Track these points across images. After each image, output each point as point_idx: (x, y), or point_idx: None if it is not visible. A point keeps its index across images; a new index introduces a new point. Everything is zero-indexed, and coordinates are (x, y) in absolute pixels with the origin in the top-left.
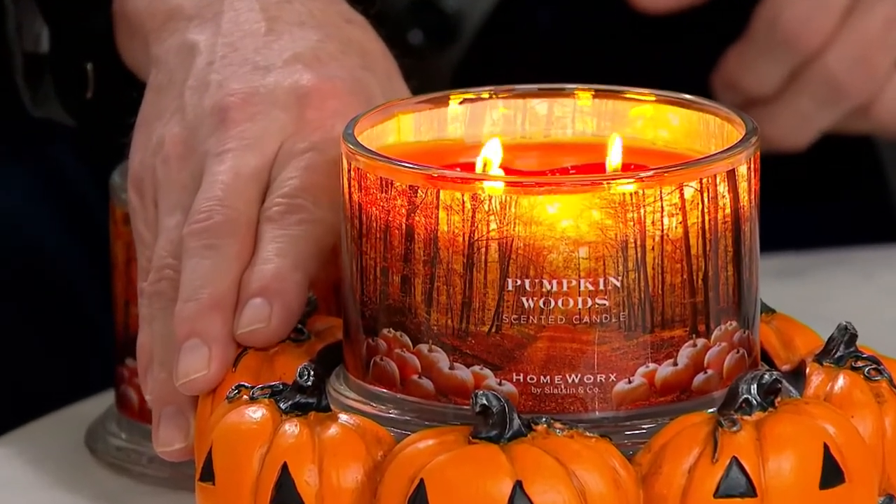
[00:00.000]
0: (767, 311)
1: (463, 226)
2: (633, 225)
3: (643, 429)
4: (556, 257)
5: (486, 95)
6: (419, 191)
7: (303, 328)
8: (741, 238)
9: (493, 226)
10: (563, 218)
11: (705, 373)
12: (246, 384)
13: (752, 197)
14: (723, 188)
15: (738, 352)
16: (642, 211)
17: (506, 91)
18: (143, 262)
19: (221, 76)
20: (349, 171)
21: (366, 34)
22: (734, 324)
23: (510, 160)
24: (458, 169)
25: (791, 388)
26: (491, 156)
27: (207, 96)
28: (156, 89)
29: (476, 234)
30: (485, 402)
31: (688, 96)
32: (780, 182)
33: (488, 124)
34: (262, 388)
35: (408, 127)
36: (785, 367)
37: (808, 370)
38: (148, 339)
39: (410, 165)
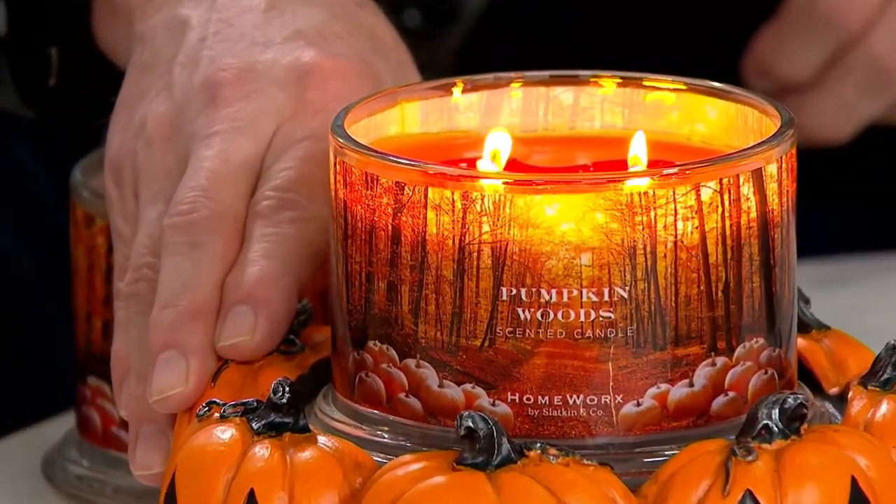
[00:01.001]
0: (820, 326)
1: (453, 227)
2: (643, 229)
3: (653, 457)
4: (556, 264)
5: (504, 82)
6: (406, 188)
7: (295, 339)
8: (770, 245)
9: (485, 228)
10: (563, 220)
11: (726, 395)
12: (217, 401)
13: (786, 199)
14: (747, 189)
15: (765, 372)
16: (652, 214)
17: (527, 78)
18: (120, 260)
19: (215, 52)
20: (335, 164)
21: (377, 19)
22: (761, 341)
23: (527, 155)
24: (465, 165)
25: (837, 414)
26: (500, 149)
27: (198, 72)
28: (140, 67)
29: (467, 236)
30: (470, 424)
31: (724, 86)
32: (823, 179)
33: (506, 115)
34: (233, 406)
35: (413, 116)
36: (833, 391)
37: (850, 394)
38: (124, 347)
39: (395, 159)
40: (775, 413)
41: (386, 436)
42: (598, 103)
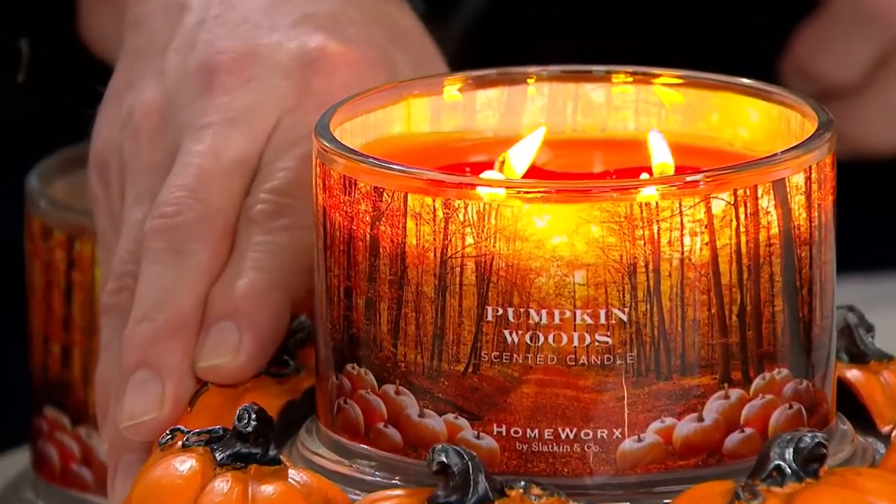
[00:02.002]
0: (880, 357)
1: (434, 239)
2: (644, 245)
3: (655, 499)
4: (546, 282)
5: (529, 78)
6: (384, 193)
7: (289, 360)
8: (795, 265)
9: (469, 240)
10: (554, 233)
11: (742, 432)
12: (182, 428)
13: (817, 213)
14: (766, 202)
15: (790, 407)
16: (655, 228)
17: (556, 73)
18: (104, 269)
19: (213, 35)
20: (315, 166)
21: (401, 9)
22: (784, 371)
23: (550, 160)
24: (468, 170)
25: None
26: (515, 153)
27: (193, 56)
28: (132, 54)
29: (449, 249)
30: (444, 459)
31: (765, 84)
32: (872, 189)
33: (530, 114)
34: (198, 434)
35: (422, 114)
36: (886, 429)
37: (894, 434)
38: (108, 368)
39: (372, 160)
40: (789, 453)
41: (365, 470)
42: (632, 103)
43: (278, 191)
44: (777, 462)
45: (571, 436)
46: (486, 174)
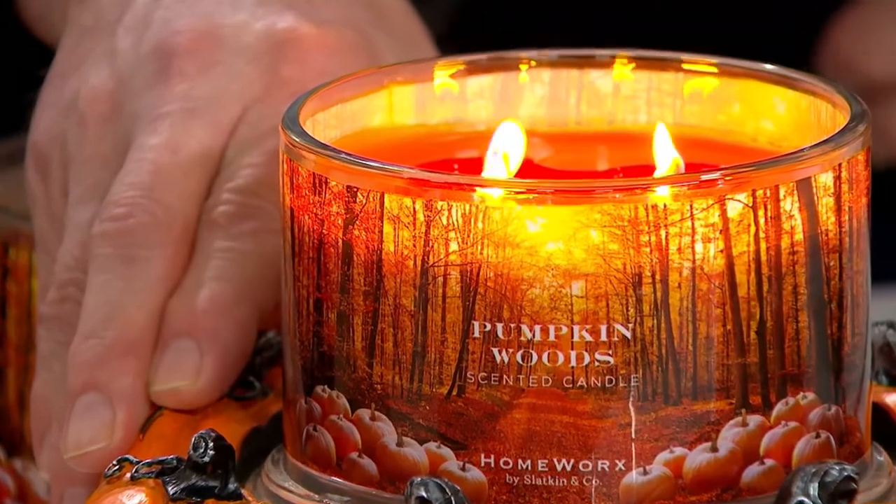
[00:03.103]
0: None
1: (414, 245)
2: (650, 252)
3: None
4: (540, 294)
5: (527, 63)
6: (359, 193)
7: (255, 381)
8: (822, 275)
9: (453, 246)
10: (549, 238)
11: (762, 464)
12: (130, 458)
13: (848, 217)
14: (789, 204)
15: (817, 436)
16: (663, 233)
17: (556, 58)
18: (44, 276)
19: (170, 13)
20: (282, 162)
21: None
22: (811, 396)
23: (549, 156)
24: (457, 167)
25: None
26: (509, 147)
27: (147, 37)
28: (77, 32)
29: (431, 256)
30: (424, 493)
31: (794, 72)
32: None
33: (528, 104)
34: (148, 465)
35: (405, 103)
36: None
37: None
38: (45, 387)
39: (345, 155)
40: (814, 487)
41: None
42: (644, 91)
43: (244, 190)
44: (800, 498)
45: (568, 468)
46: (490, 173)
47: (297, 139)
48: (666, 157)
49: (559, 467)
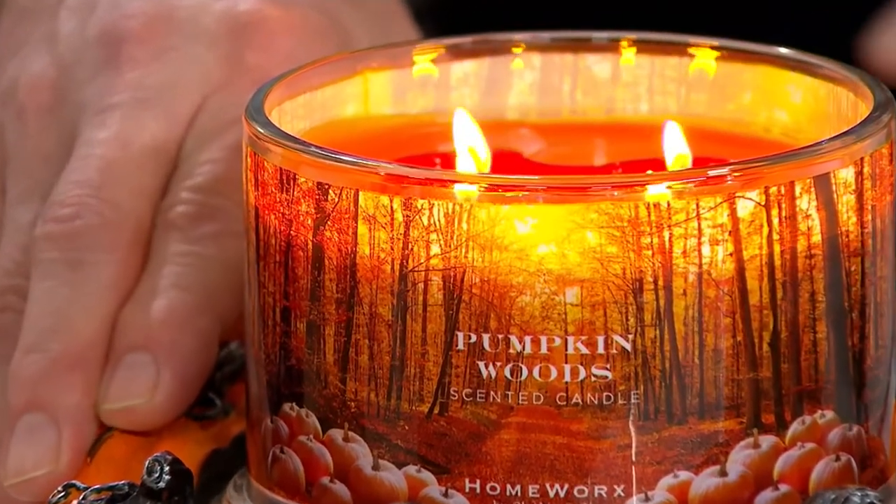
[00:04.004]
0: None
1: (392, 248)
2: (652, 255)
3: None
4: (531, 301)
5: (516, 47)
6: (330, 191)
7: (215, 398)
8: (843, 281)
9: (435, 249)
10: (541, 240)
11: (775, 490)
12: (77, 483)
13: (871, 217)
14: (806, 203)
15: (837, 459)
16: (666, 234)
17: (549, 41)
18: None
19: None
20: (246, 156)
21: None
22: (830, 414)
23: (542, 150)
24: (439, 162)
25: None
26: (470, 139)
27: (93, 19)
28: (15, 14)
29: (411, 260)
30: None
31: (812, 57)
32: None
33: (517, 92)
34: (97, 491)
35: (381, 91)
36: None
37: None
38: None
39: (316, 149)
40: None
41: None
42: (646, 78)
43: (203, 189)
44: None
45: (562, 493)
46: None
47: (262, 131)
48: (670, 151)
49: (552, 493)
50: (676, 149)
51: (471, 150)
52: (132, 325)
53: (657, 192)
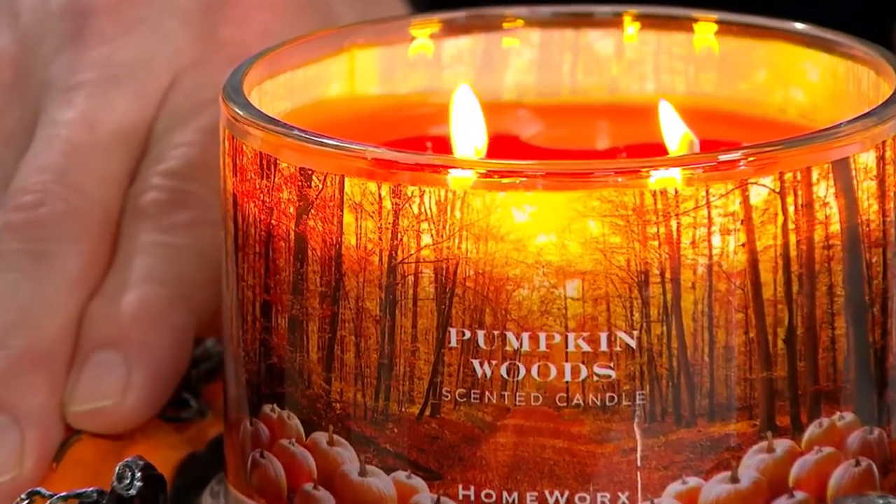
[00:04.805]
0: None
1: (380, 238)
2: (659, 246)
3: None
4: (529, 295)
5: (513, 22)
6: (314, 177)
7: (189, 398)
8: (863, 273)
9: (426, 239)
10: (540, 230)
11: (791, 497)
12: (42, 490)
13: (894, 205)
14: (824, 189)
15: (857, 464)
16: (674, 224)
17: (548, 16)
18: None
19: None
20: (224, 140)
21: None
22: (849, 416)
23: (540, 133)
24: (430, 146)
25: None
26: (469, 120)
27: None
28: None
29: (400, 251)
30: None
31: (830, 32)
32: None
33: (514, 71)
34: (64, 498)
35: (369, 70)
36: None
37: None
38: None
39: (298, 132)
40: None
41: None
42: (652, 55)
43: (176, 174)
44: None
45: (562, 501)
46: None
47: (240, 112)
48: (677, 134)
49: (551, 501)
50: (677, 129)
51: (467, 133)
52: (100, 321)
53: (664, 178)
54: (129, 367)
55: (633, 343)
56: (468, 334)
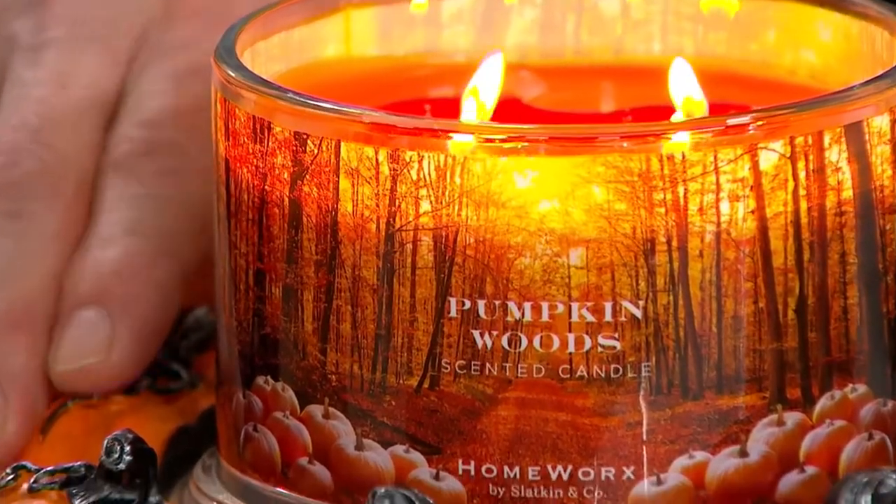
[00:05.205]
0: None
1: (377, 205)
2: (666, 213)
3: None
4: (531, 264)
5: None
6: (309, 141)
7: (180, 370)
8: (876, 241)
9: (425, 206)
10: (542, 196)
11: (802, 472)
12: (28, 464)
13: None
14: (836, 154)
15: (869, 437)
16: (681, 190)
17: None
18: None
19: None
20: (216, 103)
21: None
22: (861, 388)
23: (542, 95)
24: (429, 109)
25: None
26: (489, 85)
27: None
28: None
29: (398, 219)
30: None
31: None
32: None
33: (516, 31)
34: (51, 473)
35: (365, 30)
36: None
37: None
38: None
39: (293, 95)
40: (865, 500)
41: None
42: (659, 15)
43: (151, 123)
44: None
45: (565, 476)
46: (465, 117)
47: (233, 74)
48: (685, 97)
49: (554, 475)
50: (686, 92)
51: (474, 93)
52: (82, 278)
53: (672, 142)
54: (112, 323)
55: (638, 313)
56: (468, 304)
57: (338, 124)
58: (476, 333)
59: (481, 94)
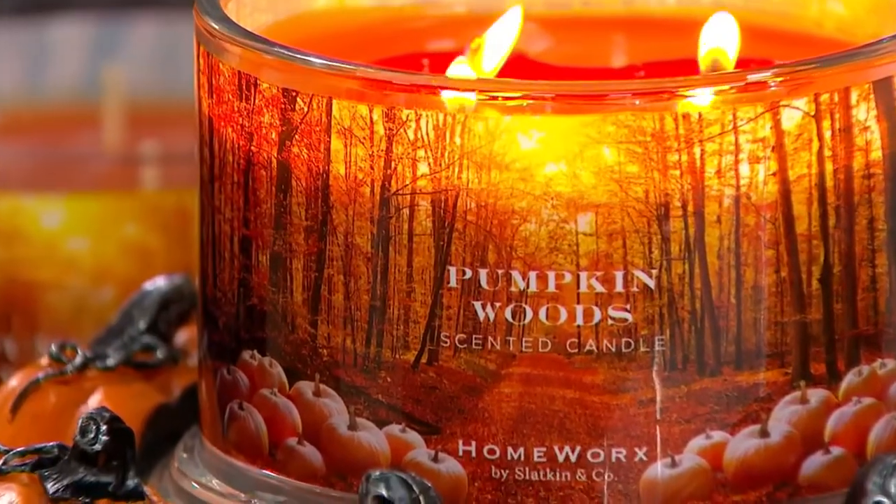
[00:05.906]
0: None
1: (371, 167)
2: (681, 176)
3: None
4: (537, 230)
5: None
6: (299, 99)
7: (160, 344)
8: None
9: (422, 168)
10: (549, 158)
11: (826, 453)
12: None
13: None
14: (864, 112)
15: None
16: (697, 151)
17: None
18: None
19: None
20: (198, 58)
21: None
22: (891, 363)
23: (549, 49)
24: (427, 64)
25: None
26: (495, 40)
27: None
28: None
29: (394, 182)
30: (383, 492)
31: None
32: None
33: None
34: (21, 454)
35: None
36: None
37: None
38: None
39: (281, 49)
40: (893, 484)
41: None
42: None
43: None
44: (878, 498)
45: (573, 457)
46: (452, 69)
47: (216, 27)
48: (702, 51)
49: (561, 457)
50: (715, 44)
51: (478, 47)
52: None
53: (687, 100)
54: None
55: (651, 283)
56: (469, 273)
57: (329, 80)
58: (477, 305)
59: (486, 50)
